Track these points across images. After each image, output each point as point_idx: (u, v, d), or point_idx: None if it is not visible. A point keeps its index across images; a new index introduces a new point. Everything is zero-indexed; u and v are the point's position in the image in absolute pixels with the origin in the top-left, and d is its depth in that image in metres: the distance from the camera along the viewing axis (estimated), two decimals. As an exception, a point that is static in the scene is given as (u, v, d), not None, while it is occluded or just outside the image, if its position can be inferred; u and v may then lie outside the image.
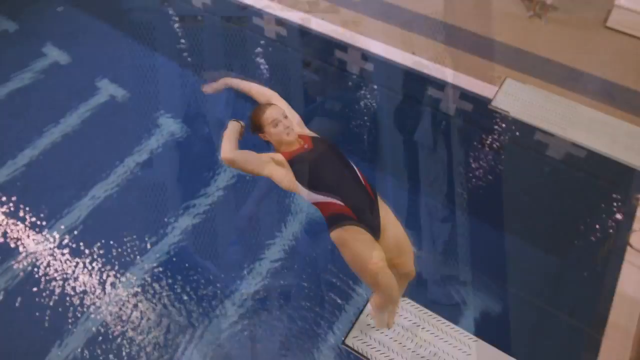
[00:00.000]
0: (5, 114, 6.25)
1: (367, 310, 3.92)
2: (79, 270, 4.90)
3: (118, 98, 6.48)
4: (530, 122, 5.06)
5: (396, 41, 6.14)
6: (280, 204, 5.45)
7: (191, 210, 5.34)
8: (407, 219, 5.40)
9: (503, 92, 5.30)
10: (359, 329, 3.81)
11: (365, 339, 3.74)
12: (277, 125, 3.01)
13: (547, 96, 5.32)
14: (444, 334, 3.80)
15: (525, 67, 6.05)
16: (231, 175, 5.63)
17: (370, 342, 3.72)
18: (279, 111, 3.05)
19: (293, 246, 5.11)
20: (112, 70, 6.86)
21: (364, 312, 3.91)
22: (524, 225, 5.43)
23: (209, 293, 4.78)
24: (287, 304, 4.72)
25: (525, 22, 6.91)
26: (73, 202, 5.38)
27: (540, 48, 6.41)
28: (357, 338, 3.75)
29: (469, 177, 5.67)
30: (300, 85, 6.60)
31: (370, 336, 3.76)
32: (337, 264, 4.96)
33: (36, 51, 7.04)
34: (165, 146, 5.92)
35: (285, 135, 3.02)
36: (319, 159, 2.93)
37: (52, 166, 5.73)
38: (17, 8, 7.71)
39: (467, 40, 6.48)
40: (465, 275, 4.90)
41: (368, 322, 3.85)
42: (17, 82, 6.60)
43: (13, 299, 4.70)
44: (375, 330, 3.80)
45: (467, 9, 7.10)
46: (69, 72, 6.85)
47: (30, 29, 7.43)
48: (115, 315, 4.62)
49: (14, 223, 5.21)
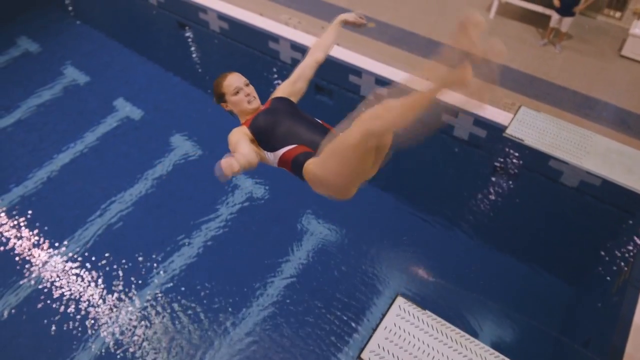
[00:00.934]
0: (24, 132, 6.36)
1: (382, 325, 3.85)
2: (91, 286, 4.90)
3: (134, 117, 6.57)
4: (545, 150, 5.04)
5: (410, 67, 6.20)
6: (293, 224, 5.46)
7: (204, 230, 5.35)
8: (416, 242, 5.38)
9: (518, 120, 5.30)
10: (375, 342, 3.73)
11: (382, 354, 3.67)
12: (237, 93, 2.81)
13: (562, 125, 5.31)
14: (463, 348, 3.71)
15: (539, 95, 6.05)
16: (243, 195, 5.65)
17: (387, 357, 3.65)
18: (239, 79, 2.83)
19: (306, 264, 5.09)
20: (128, 90, 6.98)
21: (379, 327, 3.85)
22: (537, 252, 5.37)
23: (220, 310, 4.76)
24: (301, 320, 4.68)
25: (539, 50, 6.94)
26: (87, 218, 5.43)
27: (555, 76, 6.42)
28: (374, 353, 3.68)
29: (481, 203, 5.64)
30: (313, 111, 6.65)
31: (387, 350, 3.69)
32: (351, 283, 4.93)
33: (56, 71, 7.20)
34: (178, 165, 5.97)
35: (246, 103, 2.81)
36: (271, 114, 2.73)
37: (68, 183, 5.80)
38: (39, 29, 7.91)
39: (480, 66, 6.51)
40: (477, 301, 4.85)
41: (386, 336, 3.78)
42: (37, 100, 6.74)
43: (22, 314, 4.72)
44: (390, 343, 3.73)
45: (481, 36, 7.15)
46: (86, 92, 6.98)
47: (51, 49, 7.62)
48: (125, 333, 4.60)
49: (27, 238, 5.26)
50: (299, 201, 5.74)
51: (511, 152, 5.39)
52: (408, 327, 3.84)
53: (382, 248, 5.32)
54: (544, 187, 5.41)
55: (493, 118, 5.40)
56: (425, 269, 5.11)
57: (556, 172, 5.12)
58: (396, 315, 3.93)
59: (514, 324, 4.69)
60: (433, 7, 7.72)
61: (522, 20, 7.49)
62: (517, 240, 5.48)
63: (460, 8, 7.70)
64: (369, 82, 5.99)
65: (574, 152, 5.02)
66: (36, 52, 7.57)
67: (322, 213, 5.57)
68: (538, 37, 7.19)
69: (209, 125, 6.53)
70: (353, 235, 5.39)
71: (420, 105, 2.05)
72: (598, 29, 7.42)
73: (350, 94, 6.23)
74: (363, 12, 7.37)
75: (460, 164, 5.99)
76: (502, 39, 7.29)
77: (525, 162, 5.36)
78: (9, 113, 6.54)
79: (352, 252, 5.24)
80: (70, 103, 6.76)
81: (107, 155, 6.14)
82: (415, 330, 3.81)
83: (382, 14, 7.47)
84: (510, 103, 5.74)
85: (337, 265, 5.12)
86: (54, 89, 6.92)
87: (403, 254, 5.29)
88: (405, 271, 5.09)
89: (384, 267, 5.10)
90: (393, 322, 3.87)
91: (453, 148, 5.81)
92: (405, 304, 4.01)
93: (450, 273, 5.08)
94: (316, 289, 4.93)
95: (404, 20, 7.34)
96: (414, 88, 2.12)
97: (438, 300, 4.84)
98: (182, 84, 7.14)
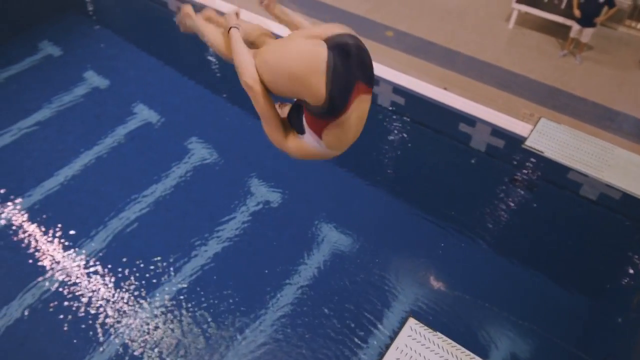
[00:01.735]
0: (44, 134, 6.45)
1: (394, 345, 3.84)
2: (107, 289, 4.94)
3: (152, 121, 6.63)
4: (565, 162, 4.99)
5: (428, 76, 6.18)
6: (306, 230, 5.45)
7: (219, 234, 5.37)
8: (431, 250, 5.34)
9: (538, 132, 5.26)
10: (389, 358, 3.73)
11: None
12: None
13: (583, 137, 5.25)
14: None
15: (558, 106, 6.00)
16: (258, 201, 5.66)
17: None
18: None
19: (320, 271, 5.08)
20: (147, 96, 7.05)
21: (391, 347, 3.83)
22: (554, 265, 5.29)
23: (232, 316, 4.76)
24: (313, 330, 4.66)
25: (559, 60, 6.88)
26: (105, 221, 5.48)
27: (574, 87, 6.36)
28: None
29: (498, 213, 5.58)
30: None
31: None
32: (364, 291, 4.91)
33: (76, 74, 7.30)
34: (195, 170, 6.01)
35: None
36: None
37: (86, 186, 5.87)
38: (61, 33, 8.04)
39: (499, 77, 6.48)
40: (492, 314, 4.79)
41: (397, 357, 3.77)
42: (57, 103, 6.84)
43: (37, 314, 4.76)
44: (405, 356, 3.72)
45: (500, 46, 7.11)
46: (106, 95, 7.06)
47: (72, 53, 7.73)
48: (138, 335, 4.62)
49: (45, 240, 5.32)
50: (313, 207, 5.74)
51: (529, 163, 5.34)
52: (419, 349, 3.86)
53: (396, 256, 5.29)
54: (563, 198, 5.35)
55: (511, 128, 5.36)
56: (440, 278, 5.06)
57: (575, 184, 5.06)
58: (407, 336, 3.95)
59: (530, 338, 4.62)
60: (451, 16, 7.70)
61: (542, 31, 7.43)
62: (534, 252, 5.40)
63: (479, 17, 7.68)
64: (386, 91, 5.98)
65: (594, 165, 4.96)
66: (57, 55, 7.68)
67: (336, 219, 5.56)
68: (558, 47, 7.13)
69: (226, 130, 6.57)
70: (367, 242, 5.37)
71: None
72: (619, 40, 7.34)
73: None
74: (381, 20, 7.39)
75: (477, 174, 5.94)
76: (521, 49, 7.27)
77: (543, 174, 5.31)
78: (30, 115, 6.64)
79: (366, 259, 5.21)
80: (89, 106, 6.85)
81: (125, 158, 6.19)
82: (427, 351, 3.81)
83: (399, 22, 7.47)
84: (528, 114, 5.70)
85: (351, 273, 5.09)
86: (74, 92, 7.01)
87: (417, 263, 5.25)
88: (419, 280, 5.04)
89: (397, 275, 5.06)
90: (404, 343, 3.90)
91: (470, 158, 5.78)
92: (417, 325, 4.04)
93: (465, 284, 5.03)
94: (329, 297, 4.91)
95: (422, 29, 7.33)
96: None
97: (452, 312, 4.78)
98: (200, 89, 7.19)
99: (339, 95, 2.01)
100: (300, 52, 2.06)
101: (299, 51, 2.08)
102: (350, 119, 2.09)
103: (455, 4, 7.95)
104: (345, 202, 5.85)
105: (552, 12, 7.25)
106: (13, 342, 4.61)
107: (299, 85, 2.05)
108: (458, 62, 6.66)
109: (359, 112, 2.12)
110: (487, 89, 6.22)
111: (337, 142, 2.18)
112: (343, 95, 2.02)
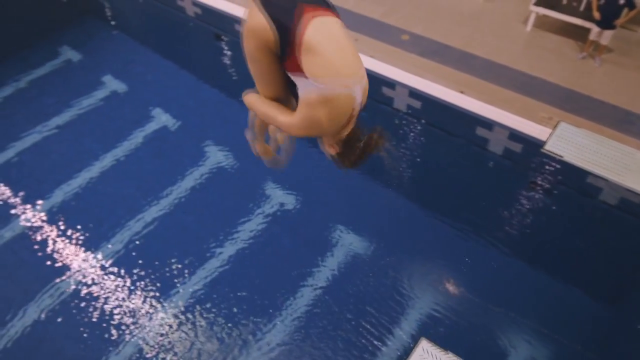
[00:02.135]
0: (63, 138, 6.55)
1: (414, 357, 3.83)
2: (124, 291, 4.98)
3: (169, 126, 6.69)
4: (584, 167, 4.91)
5: (444, 79, 6.14)
6: (323, 234, 5.44)
7: (234, 237, 5.39)
8: (448, 254, 5.30)
9: (557, 136, 5.19)
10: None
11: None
12: None
13: (603, 141, 5.16)
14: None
15: (577, 109, 5.91)
16: (274, 204, 5.67)
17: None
18: None
19: (336, 275, 5.07)
20: (165, 100, 7.12)
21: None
22: (574, 271, 5.21)
23: (249, 319, 4.77)
24: (331, 332, 4.65)
25: (577, 63, 6.79)
26: (122, 223, 5.53)
27: (594, 90, 6.26)
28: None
29: (516, 217, 5.51)
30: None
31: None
32: (381, 296, 4.88)
33: (96, 79, 7.40)
34: (211, 173, 6.04)
35: None
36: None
37: (104, 189, 5.93)
38: (81, 39, 8.16)
39: (517, 80, 6.41)
40: (510, 319, 4.73)
41: None
42: (76, 107, 6.94)
43: (57, 316, 4.82)
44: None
45: (517, 48, 7.04)
46: (125, 101, 7.15)
47: (92, 58, 7.84)
48: (154, 338, 4.65)
49: (63, 242, 5.39)
50: (328, 211, 5.73)
51: (547, 167, 5.27)
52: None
53: (412, 260, 5.25)
54: (582, 203, 5.26)
55: (529, 132, 5.30)
56: (456, 283, 5.01)
57: (595, 188, 4.97)
58: (419, 356, 4.01)
59: (549, 344, 4.55)
60: (467, 19, 7.65)
61: (560, 33, 7.34)
62: (552, 258, 5.32)
63: (495, 20, 7.62)
64: (402, 94, 5.95)
65: (615, 169, 4.88)
66: (77, 60, 7.80)
67: (351, 223, 5.54)
68: (576, 50, 7.04)
69: (241, 134, 6.56)
70: (383, 246, 5.34)
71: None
72: (639, 43, 7.22)
73: (383, 106, 6.20)
74: (396, 24, 7.37)
75: (494, 178, 5.88)
76: (539, 52, 7.19)
77: (561, 178, 5.23)
78: (50, 118, 6.75)
79: (381, 263, 5.19)
80: (108, 111, 6.94)
81: (142, 161, 6.26)
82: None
83: (415, 25, 7.44)
84: (547, 117, 5.63)
85: (366, 278, 5.07)
86: (93, 97, 7.11)
87: (434, 266, 5.21)
88: (436, 285, 5.00)
89: (413, 280, 5.03)
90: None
91: (487, 161, 5.72)
92: (429, 346, 4.08)
93: (482, 289, 4.97)
94: (344, 301, 4.89)
95: (438, 32, 7.29)
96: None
97: (469, 317, 4.73)
98: (217, 94, 7.24)
99: (281, 19, 1.98)
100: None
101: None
102: (319, 41, 1.97)
103: (470, 7, 7.89)
104: (361, 206, 5.83)
105: (571, 14, 7.15)
106: (31, 341, 4.68)
107: (253, 38, 2.10)
108: (475, 65, 6.61)
109: (328, 34, 2.01)
110: (504, 92, 6.16)
111: (324, 69, 1.99)
112: (285, 18, 1.98)
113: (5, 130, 6.62)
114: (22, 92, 7.20)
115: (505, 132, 5.36)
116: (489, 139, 5.54)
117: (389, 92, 6.06)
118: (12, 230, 5.51)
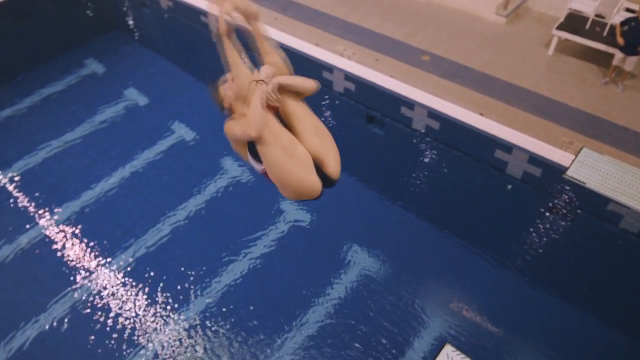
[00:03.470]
0: (84, 147, 6.65)
1: None
2: (135, 299, 4.99)
3: (188, 139, 6.76)
4: (607, 194, 4.83)
5: (464, 101, 6.11)
6: (337, 250, 5.41)
7: (248, 251, 5.38)
8: (465, 276, 5.21)
9: (579, 162, 5.11)
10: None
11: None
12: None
13: (626, 168, 5.08)
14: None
15: (598, 134, 5.82)
16: (289, 220, 5.66)
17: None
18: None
19: (351, 290, 5.03)
20: (184, 113, 7.21)
21: None
22: (593, 299, 5.09)
23: (260, 332, 4.73)
24: (341, 353, 4.59)
25: (600, 88, 6.71)
26: (137, 234, 5.57)
27: (616, 115, 6.17)
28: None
29: (534, 242, 5.42)
30: (364, 140, 6.65)
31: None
32: (396, 312, 4.81)
33: (118, 91, 7.54)
34: (227, 187, 6.07)
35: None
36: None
37: (121, 200, 5.99)
38: (105, 52, 8.35)
39: (538, 103, 6.35)
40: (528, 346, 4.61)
41: None
42: (99, 118, 7.06)
43: (69, 324, 4.84)
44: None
45: (539, 72, 6.99)
46: (145, 112, 7.26)
47: (115, 71, 8.00)
48: (166, 348, 4.63)
49: (78, 251, 5.43)
50: (341, 229, 5.70)
51: (567, 192, 5.19)
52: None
53: (426, 280, 5.19)
54: (602, 230, 5.16)
55: (549, 156, 5.23)
56: (474, 306, 4.92)
57: (616, 215, 4.87)
58: None
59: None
60: (488, 41, 7.64)
61: (583, 58, 7.28)
62: (572, 285, 5.21)
63: (517, 43, 7.59)
64: (421, 114, 5.94)
65: (637, 197, 4.78)
66: (101, 72, 7.97)
67: (367, 241, 5.51)
68: (599, 75, 6.96)
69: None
70: (397, 266, 5.29)
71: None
72: (664, 69, 7.11)
73: (401, 125, 6.19)
74: (417, 45, 7.38)
75: (512, 201, 5.80)
76: (561, 76, 7.11)
77: (581, 204, 5.14)
78: (73, 129, 6.87)
79: (395, 282, 5.13)
80: (129, 122, 7.04)
81: (160, 173, 6.32)
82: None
83: (436, 47, 7.44)
84: (567, 142, 5.55)
85: (379, 296, 5.02)
86: (115, 108, 7.23)
87: (451, 287, 5.13)
88: (452, 307, 4.92)
89: (427, 301, 4.96)
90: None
91: (505, 184, 5.65)
92: (453, 352, 3.96)
93: (499, 313, 4.87)
94: (358, 319, 4.84)
95: (459, 54, 7.28)
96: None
97: (486, 342, 4.63)
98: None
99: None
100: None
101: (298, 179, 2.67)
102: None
103: (492, 30, 7.88)
104: (375, 224, 5.80)
105: (594, 39, 7.09)
106: (43, 349, 4.69)
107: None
108: (495, 87, 6.57)
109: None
110: (524, 116, 6.10)
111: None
112: None
113: (28, 138, 6.76)
114: (46, 101, 7.37)
115: (525, 156, 5.30)
116: (507, 162, 5.48)
117: (407, 112, 6.05)
118: (29, 236, 5.59)
